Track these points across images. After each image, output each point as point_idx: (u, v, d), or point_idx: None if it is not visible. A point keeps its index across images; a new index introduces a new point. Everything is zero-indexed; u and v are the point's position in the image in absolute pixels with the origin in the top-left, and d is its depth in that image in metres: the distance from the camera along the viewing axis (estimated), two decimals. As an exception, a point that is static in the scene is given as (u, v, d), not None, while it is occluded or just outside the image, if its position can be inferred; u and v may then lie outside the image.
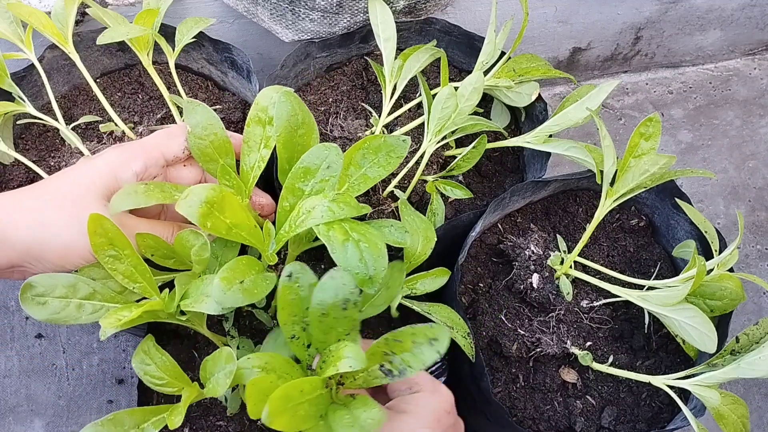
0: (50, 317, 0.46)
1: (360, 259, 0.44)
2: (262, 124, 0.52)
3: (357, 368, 0.41)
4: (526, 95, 0.77)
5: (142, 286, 0.48)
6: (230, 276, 0.43)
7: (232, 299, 0.43)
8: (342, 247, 0.44)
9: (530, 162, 0.79)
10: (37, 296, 0.46)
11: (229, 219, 0.44)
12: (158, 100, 0.79)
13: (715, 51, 1.27)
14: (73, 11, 0.66)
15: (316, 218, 0.45)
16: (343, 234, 0.45)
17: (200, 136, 0.52)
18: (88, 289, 0.47)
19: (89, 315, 0.47)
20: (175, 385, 0.49)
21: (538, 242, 0.69)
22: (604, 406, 0.67)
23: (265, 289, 0.45)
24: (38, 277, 0.46)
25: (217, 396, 0.47)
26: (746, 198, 1.16)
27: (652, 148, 0.65)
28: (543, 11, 1.03)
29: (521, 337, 0.65)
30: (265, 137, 0.52)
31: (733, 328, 0.64)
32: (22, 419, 0.87)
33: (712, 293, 0.64)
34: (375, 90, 0.82)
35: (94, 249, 0.46)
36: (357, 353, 0.41)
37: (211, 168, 0.53)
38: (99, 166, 0.50)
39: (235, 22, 0.89)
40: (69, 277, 0.47)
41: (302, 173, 0.48)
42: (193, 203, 0.43)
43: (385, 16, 0.75)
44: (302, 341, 0.45)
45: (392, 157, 0.52)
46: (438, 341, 0.44)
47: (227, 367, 0.45)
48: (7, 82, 0.66)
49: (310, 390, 0.41)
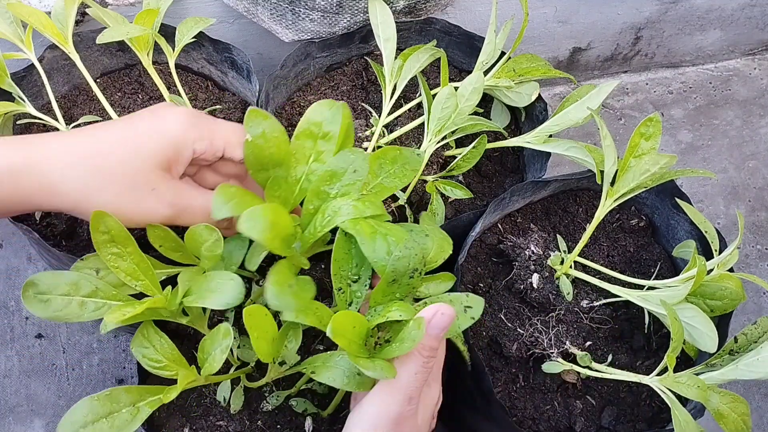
0: (53, 315, 0.46)
1: (387, 251, 0.46)
2: (314, 138, 0.52)
3: (407, 317, 0.45)
4: (526, 95, 0.77)
5: (145, 283, 0.48)
6: (281, 279, 0.45)
7: (285, 303, 0.44)
8: (371, 240, 0.46)
9: (530, 162, 0.79)
10: (39, 294, 0.46)
11: (282, 233, 0.46)
12: (158, 100, 0.79)
13: (715, 51, 1.27)
14: (73, 11, 0.66)
15: (343, 216, 0.47)
16: (370, 228, 0.47)
17: (261, 146, 0.51)
18: (90, 286, 0.47)
19: (92, 312, 0.47)
20: (173, 368, 0.49)
21: (538, 242, 0.69)
22: (604, 406, 0.67)
23: (311, 293, 0.47)
24: (41, 275, 0.46)
25: (213, 372, 0.47)
26: (746, 198, 1.16)
27: (653, 148, 0.65)
28: (543, 11, 1.04)
29: (521, 336, 0.65)
30: (317, 151, 0.52)
31: (733, 328, 0.64)
32: (22, 419, 0.87)
33: (713, 293, 0.64)
34: (375, 90, 0.82)
35: (96, 246, 0.46)
36: (409, 310, 0.46)
37: (260, 177, 0.52)
38: (166, 135, 0.48)
39: (235, 22, 0.89)
40: (71, 275, 0.47)
41: (328, 176, 0.50)
42: (257, 225, 0.43)
43: (385, 16, 0.75)
44: (346, 296, 0.49)
45: (407, 169, 0.54)
46: (472, 309, 0.50)
47: (224, 342, 0.46)
48: (7, 82, 0.66)
49: (359, 326, 0.45)
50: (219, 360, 0.46)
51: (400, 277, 0.47)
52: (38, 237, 0.64)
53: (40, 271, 0.95)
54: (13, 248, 0.97)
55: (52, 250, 0.64)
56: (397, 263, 0.47)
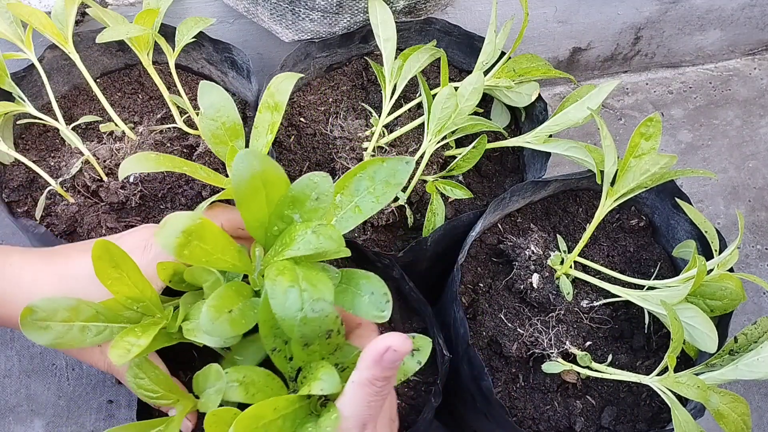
0: (54, 342, 0.44)
1: (299, 309, 0.40)
2: (270, 110, 0.53)
3: (330, 392, 0.40)
4: (526, 95, 0.77)
5: (145, 305, 0.47)
6: (219, 304, 0.41)
7: (220, 330, 0.41)
8: (283, 294, 0.40)
9: (530, 162, 0.79)
10: (38, 320, 0.44)
11: (210, 246, 0.42)
12: (158, 100, 0.79)
13: (715, 51, 1.27)
14: (73, 11, 0.66)
15: (293, 251, 0.42)
16: (291, 277, 0.41)
17: (212, 117, 0.51)
18: (90, 310, 0.46)
19: (94, 337, 0.46)
20: (170, 397, 0.48)
21: (538, 242, 0.69)
22: (604, 406, 0.67)
23: (253, 320, 0.43)
24: (39, 301, 0.44)
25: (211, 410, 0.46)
26: (746, 198, 1.16)
27: (653, 148, 0.65)
28: (543, 11, 1.04)
29: (521, 336, 0.65)
30: (272, 122, 0.53)
31: (733, 328, 0.64)
32: (22, 419, 0.87)
33: (713, 293, 0.64)
34: (375, 90, 0.82)
35: (98, 273, 0.45)
36: (332, 376, 0.41)
37: (220, 151, 0.52)
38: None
39: (235, 22, 0.89)
40: (70, 300, 0.45)
41: (290, 201, 0.45)
42: (170, 234, 0.40)
43: (385, 16, 0.75)
44: (284, 354, 0.44)
45: (391, 184, 0.46)
46: (420, 352, 0.44)
47: (217, 384, 0.44)
48: (7, 82, 0.66)
49: (285, 406, 0.40)
50: (215, 402, 0.44)
51: (311, 341, 0.41)
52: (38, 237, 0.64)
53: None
54: (13, 248, 0.97)
55: (52, 250, 0.64)
56: (304, 328, 0.40)
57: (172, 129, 0.73)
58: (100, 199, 0.68)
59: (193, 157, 0.72)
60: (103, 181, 0.68)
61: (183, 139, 0.73)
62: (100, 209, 0.68)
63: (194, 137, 0.73)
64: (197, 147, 0.72)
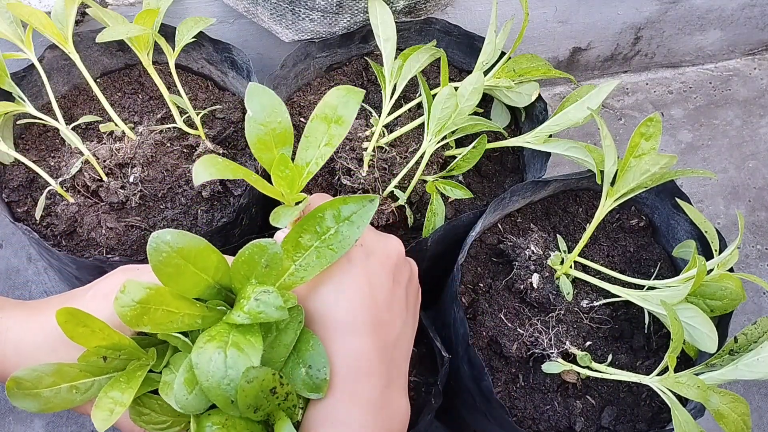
0: (45, 407, 0.44)
1: (223, 377, 0.38)
2: (328, 121, 0.49)
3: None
4: (526, 95, 0.77)
5: (126, 351, 0.46)
6: (191, 377, 0.40)
7: (194, 404, 0.40)
8: (208, 359, 0.38)
9: (530, 162, 0.79)
10: (25, 390, 0.44)
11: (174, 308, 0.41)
12: (158, 100, 0.79)
13: (715, 51, 1.27)
14: (73, 11, 0.66)
15: (236, 318, 0.41)
16: (220, 342, 0.39)
17: (263, 122, 0.47)
18: (73, 371, 0.45)
19: (83, 395, 0.45)
20: (180, 422, 0.48)
21: (538, 242, 0.69)
22: (604, 406, 0.67)
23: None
24: (22, 372, 0.44)
25: None
26: (746, 198, 1.16)
27: (653, 148, 0.65)
28: (543, 11, 1.04)
29: (521, 336, 0.65)
30: (329, 135, 0.49)
31: (733, 328, 0.64)
32: (22, 419, 0.87)
33: (713, 293, 0.64)
34: (375, 90, 0.82)
35: (68, 336, 0.44)
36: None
37: (263, 158, 0.48)
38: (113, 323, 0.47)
39: (235, 22, 0.89)
40: (51, 366, 0.45)
41: (246, 263, 0.44)
42: (125, 303, 0.39)
43: (385, 16, 0.75)
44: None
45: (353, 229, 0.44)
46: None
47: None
48: (7, 82, 0.66)
49: None
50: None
51: (258, 405, 0.39)
52: (38, 237, 0.64)
53: (39, 271, 0.95)
54: (13, 248, 0.97)
55: (52, 250, 0.64)
56: (240, 402, 0.38)
57: (172, 129, 0.73)
58: (100, 199, 0.68)
59: (192, 157, 0.72)
60: (103, 181, 0.68)
61: (183, 139, 0.74)
62: (100, 209, 0.68)
63: (194, 137, 0.73)
64: (197, 147, 0.72)
